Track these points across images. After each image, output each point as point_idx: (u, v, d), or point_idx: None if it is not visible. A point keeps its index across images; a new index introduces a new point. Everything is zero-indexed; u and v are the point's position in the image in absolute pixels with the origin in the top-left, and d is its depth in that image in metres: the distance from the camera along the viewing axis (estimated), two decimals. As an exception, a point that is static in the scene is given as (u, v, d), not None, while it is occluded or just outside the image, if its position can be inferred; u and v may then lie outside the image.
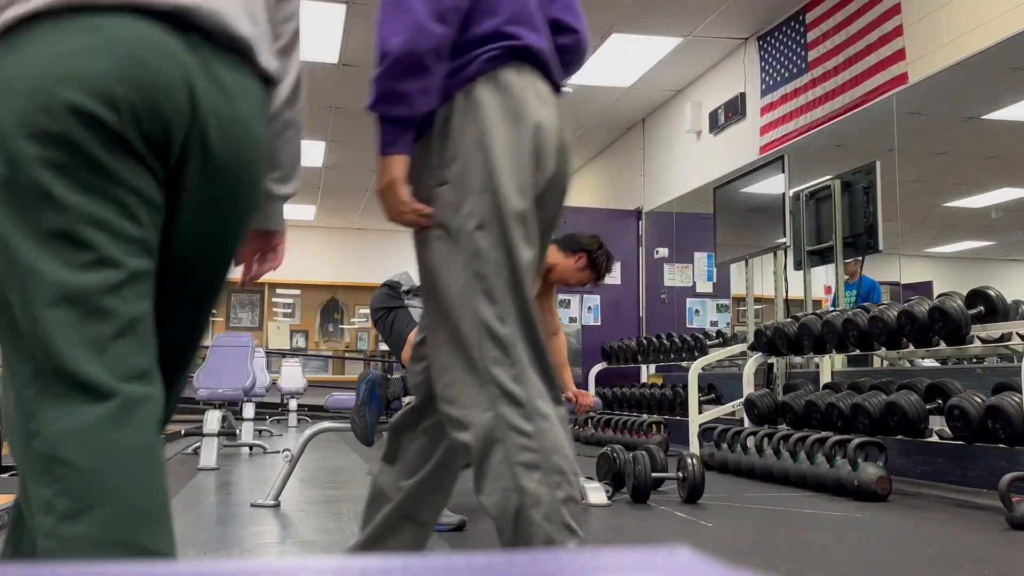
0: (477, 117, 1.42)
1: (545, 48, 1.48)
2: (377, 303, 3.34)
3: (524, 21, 1.46)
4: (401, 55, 1.39)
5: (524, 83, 1.44)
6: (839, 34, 5.72)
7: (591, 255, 3.47)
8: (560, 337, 3.68)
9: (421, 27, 1.37)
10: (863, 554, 2.57)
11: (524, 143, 1.42)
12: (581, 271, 3.50)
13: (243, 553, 2.58)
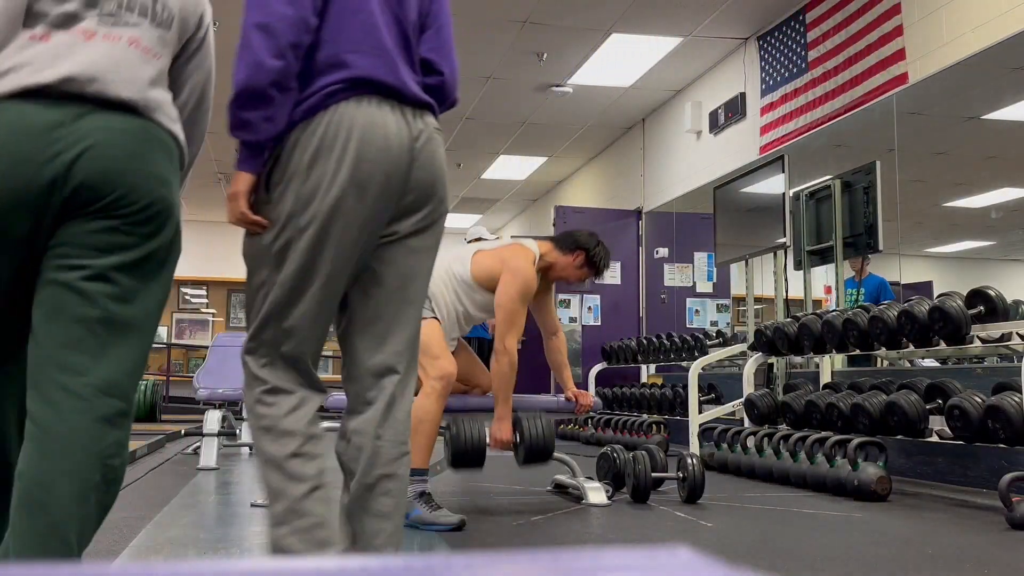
0: (305, 148, 1.58)
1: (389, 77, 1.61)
2: None
3: (369, 53, 1.60)
4: (242, 88, 1.59)
5: (358, 115, 1.58)
6: (839, 34, 5.72)
7: (589, 252, 3.48)
8: (559, 336, 3.68)
9: (260, 63, 1.55)
10: (863, 554, 2.57)
11: (341, 175, 1.57)
12: (579, 269, 3.50)
13: (243, 553, 2.58)
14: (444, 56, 1.81)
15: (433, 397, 3.08)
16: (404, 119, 1.65)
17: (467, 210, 13.08)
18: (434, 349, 3.13)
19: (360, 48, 1.61)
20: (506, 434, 3.29)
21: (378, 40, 1.63)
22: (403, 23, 1.69)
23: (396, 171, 1.62)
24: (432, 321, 3.22)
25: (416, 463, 3.06)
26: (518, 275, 3.26)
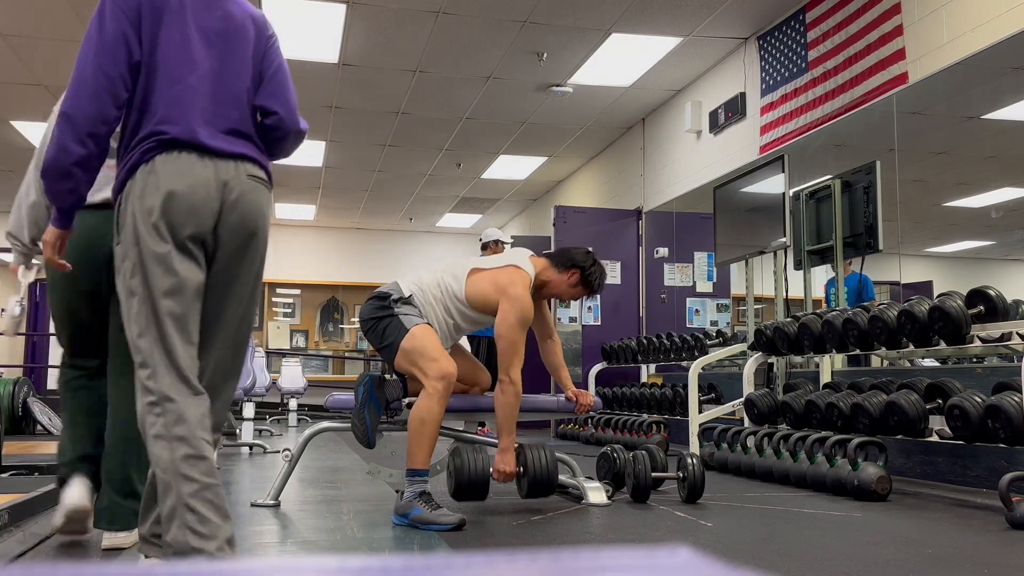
0: (130, 195, 1.91)
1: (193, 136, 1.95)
2: (366, 315, 3.31)
3: (174, 120, 1.95)
4: (50, 167, 1.94)
5: (167, 165, 1.92)
6: (839, 34, 5.72)
7: (584, 272, 3.47)
8: (555, 340, 3.68)
9: (64, 147, 1.90)
10: (863, 554, 2.57)
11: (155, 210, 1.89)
12: (574, 287, 3.49)
13: (243, 553, 2.57)
14: (276, 98, 2.13)
15: (435, 398, 3.07)
16: (213, 167, 1.96)
17: (467, 210, 13.08)
18: (432, 351, 3.13)
19: (168, 117, 1.94)
20: (510, 466, 3.29)
21: (184, 109, 1.96)
22: (230, 87, 2.04)
23: (204, 212, 1.94)
24: (425, 326, 3.21)
25: (417, 463, 3.06)
26: (516, 304, 3.24)
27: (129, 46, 1.96)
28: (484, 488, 3.29)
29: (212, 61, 2.04)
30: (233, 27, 2.09)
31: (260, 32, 2.16)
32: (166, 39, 2.00)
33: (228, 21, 2.09)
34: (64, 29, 6.79)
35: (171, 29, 2.01)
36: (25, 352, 15.37)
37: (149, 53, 1.99)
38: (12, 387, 7.52)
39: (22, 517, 2.98)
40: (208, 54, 2.03)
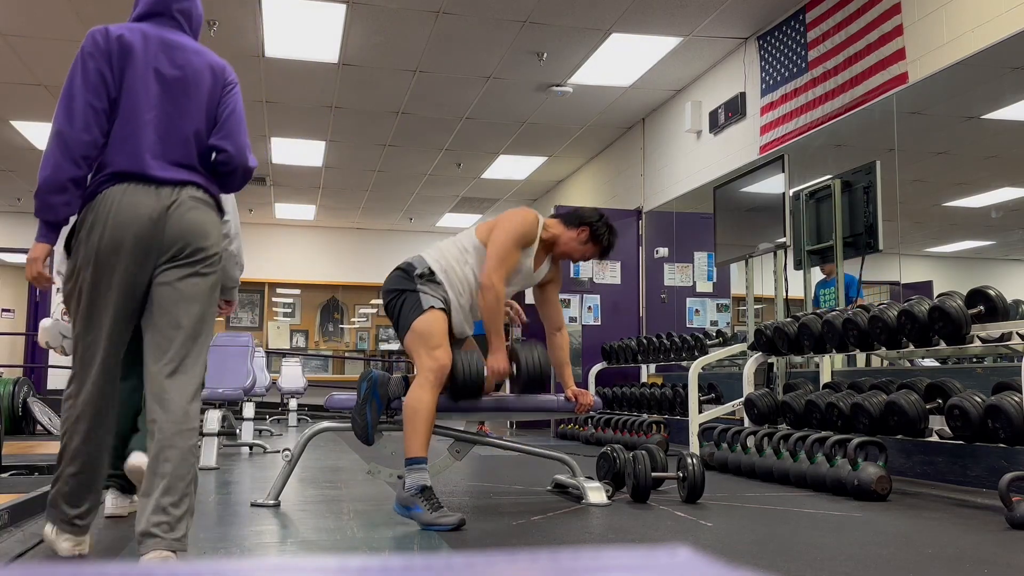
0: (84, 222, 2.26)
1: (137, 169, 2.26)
2: (390, 284, 3.35)
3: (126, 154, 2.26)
4: (46, 181, 2.21)
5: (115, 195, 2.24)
6: (839, 33, 5.72)
7: (592, 227, 3.52)
8: (563, 333, 3.68)
9: (60, 165, 2.20)
10: (863, 554, 2.57)
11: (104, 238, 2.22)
12: (583, 244, 3.53)
13: (243, 553, 2.58)
14: (227, 139, 2.40)
15: (426, 387, 3.09)
16: (156, 196, 2.26)
17: (467, 210, 13.08)
18: (435, 339, 3.15)
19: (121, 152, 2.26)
20: (503, 363, 3.32)
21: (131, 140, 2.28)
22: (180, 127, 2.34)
23: (145, 232, 2.23)
24: (438, 312, 3.22)
25: (413, 452, 3.06)
26: (514, 217, 3.38)
27: (107, 85, 2.29)
28: (479, 388, 3.32)
29: (167, 104, 2.34)
30: (191, 75, 2.38)
31: (217, 80, 2.44)
32: (129, 82, 2.31)
33: (186, 70, 2.38)
34: (64, 29, 6.78)
35: (135, 74, 2.32)
36: (25, 352, 15.36)
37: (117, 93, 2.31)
38: (12, 387, 7.52)
39: (22, 517, 2.98)
40: (164, 98, 2.34)
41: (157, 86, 2.33)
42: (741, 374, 5.25)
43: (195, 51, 2.42)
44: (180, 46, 2.41)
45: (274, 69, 7.56)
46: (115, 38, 2.31)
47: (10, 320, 16.26)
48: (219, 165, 2.41)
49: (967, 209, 7.55)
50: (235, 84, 2.49)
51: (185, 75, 2.38)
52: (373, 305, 14.76)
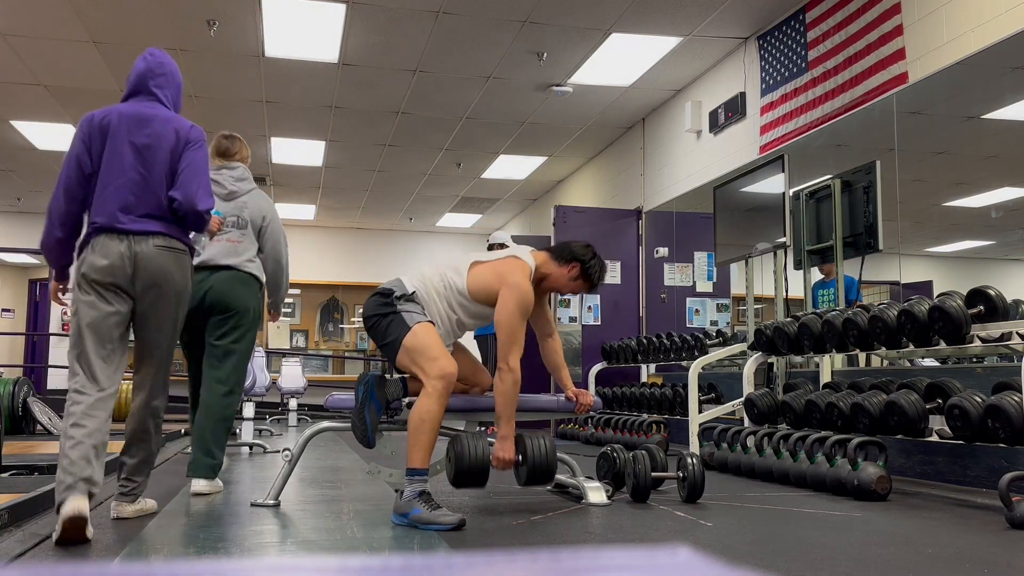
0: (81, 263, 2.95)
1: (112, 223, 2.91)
2: (369, 311, 3.32)
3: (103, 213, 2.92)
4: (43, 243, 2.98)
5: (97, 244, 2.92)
6: (839, 33, 5.72)
7: (584, 265, 3.47)
8: (555, 339, 3.68)
9: (50, 231, 2.95)
10: (863, 554, 2.57)
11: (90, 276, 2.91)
12: (574, 280, 3.49)
13: (243, 553, 2.58)
14: (178, 189, 2.98)
15: (434, 397, 3.07)
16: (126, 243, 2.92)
17: (467, 210, 13.08)
18: (433, 351, 3.13)
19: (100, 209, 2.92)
20: (509, 453, 3.27)
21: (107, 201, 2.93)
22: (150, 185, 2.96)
23: (118, 272, 2.91)
24: (428, 324, 3.21)
25: (416, 463, 3.06)
26: (515, 291, 3.25)
27: (81, 165, 2.94)
28: (484, 475, 3.27)
29: (138, 167, 2.96)
30: (157, 142, 2.99)
31: (179, 141, 3.03)
32: (107, 153, 2.95)
33: (153, 138, 2.99)
34: (64, 29, 6.79)
35: (112, 147, 2.95)
36: (25, 352, 15.36)
37: (96, 164, 2.95)
38: (12, 387, 7.52)
39: (22, 517, 2.98)
40: (136, 162, 2.96)
41: (132, 154, 2.96)
42: (741, 374, 5.25)
43: (164, 120, 3.04)
44: (151, 118, 3.02)
45: (274, 69, 7.56)
46: (97, 122, 2.98)
47: (10, 320, 16.26)
48: (174, 211, 3.00)
49: (967, 209, 7.55)
50: (196, 142, 3.06)
51: (152, 143, 2.99)
52: (373, 305, 14.75)
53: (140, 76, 3.10)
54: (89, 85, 7.99)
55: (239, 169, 4.04)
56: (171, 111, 3.12)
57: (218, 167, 4.00)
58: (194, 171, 3.00)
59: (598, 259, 3.52)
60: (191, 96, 8.23)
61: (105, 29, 6.81)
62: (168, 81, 3.13)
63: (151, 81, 3.10)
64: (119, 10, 6.49)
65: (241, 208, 3.96)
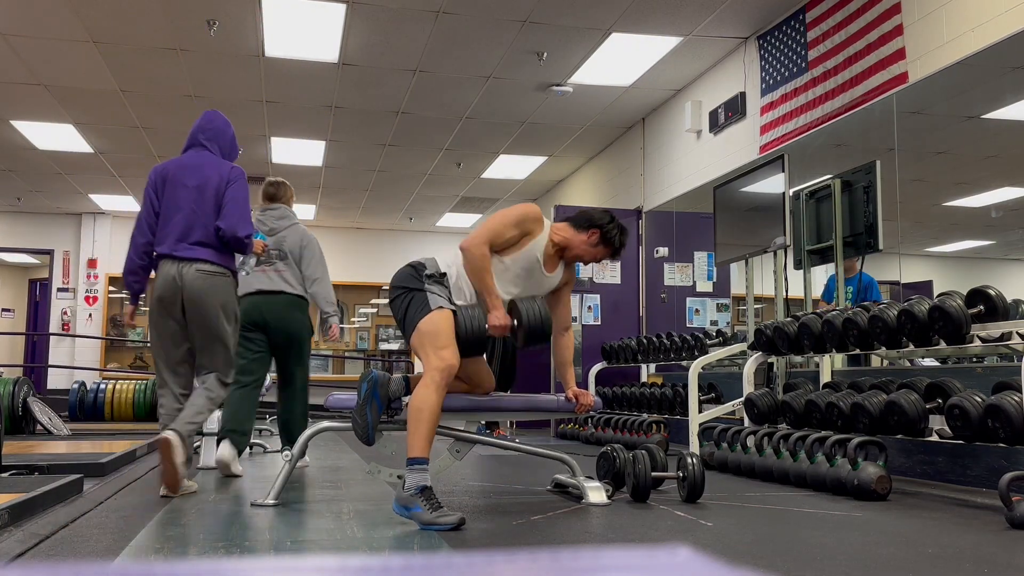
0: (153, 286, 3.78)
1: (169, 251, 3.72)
2: (398, 281, 3.34)
3: (163, 243, 3.74)
4: (125, 271, 3.79)
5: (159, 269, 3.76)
6: (839, 33, 5.72)
7: (603, 230, 3.50)
8: (569, 334, 3.68)
9: (132, 259, 3.77)
10: (863, 553, 2.57)
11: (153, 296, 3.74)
12: (595, 247, 3.52)
13: (243, 553, 2.58)
14: (223, 219, 3.76)
15: (432, 387, 3.08)
16: (177, 267, 3.72)
17: (467, 209, 13.08)
18: (441, 339, 3.15)
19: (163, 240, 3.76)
20: (503, 319, 3.30)
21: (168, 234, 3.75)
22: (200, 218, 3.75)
23: (169, 293, 3.72)
24: (445, 312, 3.22)
25: (415, 452, 3.06)
26: (516, 207, 3.41)
27: (152, 205, 3.82)
28: (483, 343, 3.30)
29: (191, 204, 3.77)
30: (205, 183, 3.81)
31: (223, 181, 3.82)
32: (168, 195, 3.80)
33: (202, 180, 3.81)
34: (64, 29, 6.78)
35: (170, 189, 3.80)
36: (25, 352, 15.36)
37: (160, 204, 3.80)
38: (12, 387, 7.52)
39: (22, 517, 2.98)
40: (189, 200, 3.78)
41: (186, 195, 3.77)
42: (741, 374, 5.25)
43: (210, 165, 3.87)
44: (200, 165, 3.86)
45: (274, 69, 7.56)
46: (160, 171, 3.88)
47: (10, 320, 16.26)
48: (220, 238, 3.78)
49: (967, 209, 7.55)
50: (236, 180, 3.84)
51: (201, 183, 3.81)
52: (373, 305, 14.75)
53: (193, 132, 3.99)
54: (89, 85, 7.99)
55: (280, 210, 4.96)
56: (217, 157, 3.92)
57: (263, 208, 4.95)
58: (235, 204, 3.78)
59: (617, 223, 3.54)
60: (191, 96, 8.23)
61: (105, 29, 6.81)
62: (216, 135, 3.97)
63: (201, 135, 3.97)
64: (119, 10, 6.48)
65: (281, 242, 4.87)
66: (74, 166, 10.88)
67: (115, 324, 14.09)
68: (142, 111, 8.72)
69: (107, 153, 10.29)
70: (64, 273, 13.73)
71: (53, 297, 13.71)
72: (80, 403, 9.88)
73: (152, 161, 10.52)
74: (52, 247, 13.72)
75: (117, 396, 9.97)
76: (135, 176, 11.38)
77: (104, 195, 12.47)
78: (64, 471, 3.93)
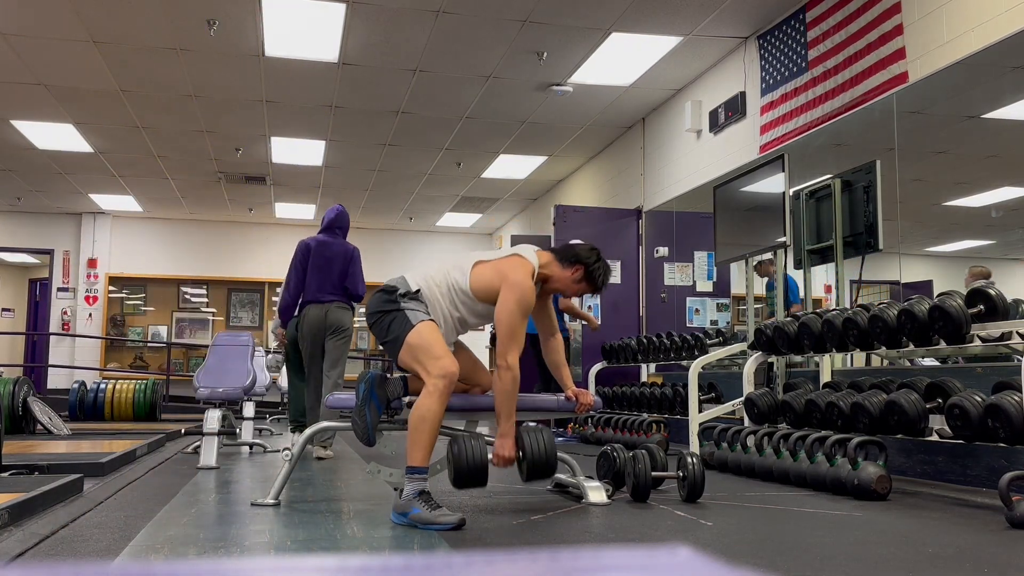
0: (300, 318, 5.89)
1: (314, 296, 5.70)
2: (372, 308, 3.32)
3: (310, 293, 5.72)
4: (281, 309, 5.93)
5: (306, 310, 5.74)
6: (839, 33, 5.72)
7: (588, 268, 3.46)
8: (557, 338, 3.67)
9: (285, 299, 5.86)
10: (863, 553, 2.57)
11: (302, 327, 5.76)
12: (577, 283, 3.48)
13: (243, 552, 2.58)
14: (350, 282, 5.79)
15: (435, 396, 3.07)
16: (321, 306, 5.67)
17: (467, 209, 13.08)
18: (436, 349, 3.13)
19: (309, 289, 5.72)
20: (509, 451, 3.26)
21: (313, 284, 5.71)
22: (331, 270, 5.72)
23: (317, 324, 5.67)
24: (431, 322, 3.21)
25: (416, 461, 3.06)
26: (516, 290, 3.24)
27: (303, 268, 5.70)
28: (484, 475, 3.27)
29: (325, 270, 5.68)
30: (335, 257, 5.74)
31: (346, 257, 5.77)
32: (312, 262, 5.70)
33: (334, 255, 5.74)
34: (64, 29, 6.78)
35: (313, 259, 5.70)
36: (25, 352, 15.37)
37: (307, 268, 5.68)
38: (12, 387, 7.52)
39: (22, 517, 2.98)
40: (325, 267, 5.69)
41: (323, 263, 5.71)
42: (741, 373, 5.25)
43: (339, 245, 5.81)
44: (332, 243, 5.80)
45: (274, 69, 7.56)
46: (304, 245, 5.75)
47: (10, 320, 16.25)
48: (346, 292, 5.77)
49: (967, 208, 7.55)
50: (356, 256, 5.86)
51: (333, 257, 5.75)
52: (373, 305, 14.74)
53: (329, 222, 5.88)
54: (89, 85, 7.99)
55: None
56: (343, 239, 5.88)
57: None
58: (356, 272, 5.84)
59: (602, 262, 3.51)
60: (191, 96, 8.23)
61: (105, 29, 6.81)
62: (341, 224, 5.93)
63: (335, 224, 5.90)
64: (119, 10, 6.48)
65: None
66: (74, 166, 10.88)
67: (115, 324, 14.10)
68: (142, 111, 8.72)
69: (107, 153, 10.29)
70: (64, 273, 13.73)
71: (53, 297, 13.72)
72: (80, 403, 9.88)
73: (152, 160, 10.52)
74: (52, 247, 13.73)
75: (117, 396, 9.97)
76: (135, 176, 11.38)
77: (104, 195, 12.47)
78: (64, 471, 3.93)
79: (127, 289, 14.29)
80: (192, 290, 14.59)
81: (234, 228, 14.21)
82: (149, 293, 14.41)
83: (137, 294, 14.39)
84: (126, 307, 14.34)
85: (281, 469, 3.61)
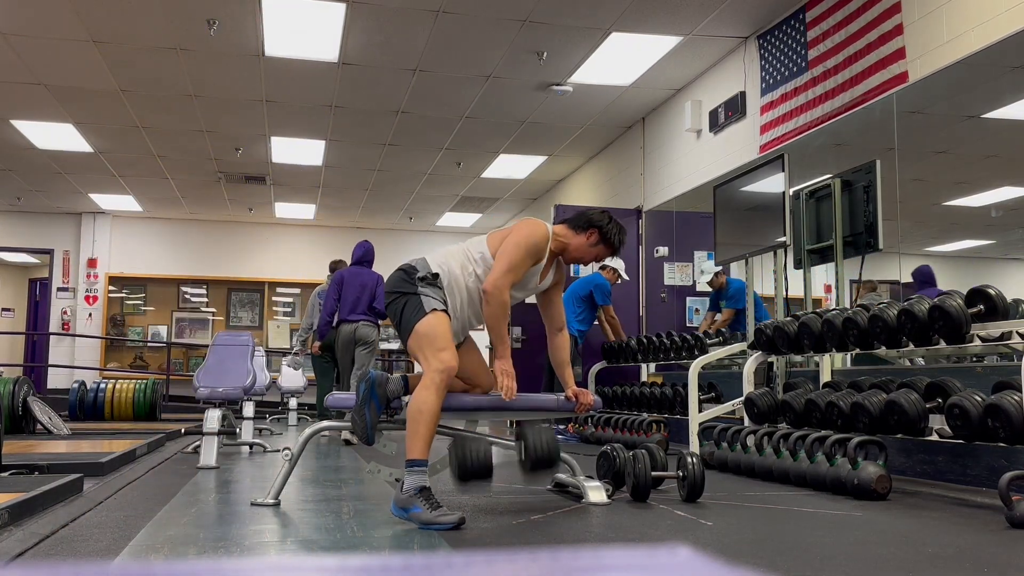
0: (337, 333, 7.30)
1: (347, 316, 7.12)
2: (391, 286, 3.34)
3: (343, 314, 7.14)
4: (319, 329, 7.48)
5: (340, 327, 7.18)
6: (839, 32, 5.72)
7: (602, 230, 3.50)
8: (564, 334, 3.67)
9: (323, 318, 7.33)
10: (863, 553, 2.57)
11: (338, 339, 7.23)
12: (594, 246, 3.52)
13: (243, 552, 2.58)
14: (379, 303, 6.97)
15: (432, 389, 3.08)
16: (352, 324, 7.09)
17: (467, 209, 13.08)
18: (440, 341, 3.14)
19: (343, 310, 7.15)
20: (510, 367, 3.31)
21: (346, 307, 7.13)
22: (361, 296, 7.10)
23: (349, 338, 7.12)
24: (441, 314, 3.22)
25: (415, 453, 3.06)
26: (528, 228, 3.36)
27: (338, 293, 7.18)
28: (488, 471, 3.29)
29: (357, 294, 7.10)
30: (365, 284, 7.14)
31: (374, 283, 7.12)
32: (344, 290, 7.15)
33: (363, 283, 7.15)
34: (64, 29, 6.78)
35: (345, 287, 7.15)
36: (25, 351, 15.36)
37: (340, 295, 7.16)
38: (12, 386, 7.52)
39: (22, 517, 2.98)
40: (356, 292, 7.11)
41: (352, 289, 7.08)
42: (741, 373, 5.25)
43: (367, 275, 7.16)
44: (362, 273, 7.16)
45: (274, 68, 7.56)
46: (340, 275, 7.21)
47: (10, 320, 16.25)
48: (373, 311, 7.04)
49: (967, 208, 7.55)
50: (381, 281, 6.93)
51: (363, 283, 7.11)
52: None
53: (358, 257, 7.24)
54: (89, 85, 7.99)
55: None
56: (370, 270, 7.17)
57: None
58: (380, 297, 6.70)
59: (615, 222, 3.55)
60: (191, 96, 8.23)
61: (105, 29, 6.81)
62: (369, 258, 7.25)
63: (364, 259, 7.22)
64: (119, 10, 6.48)
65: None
66: (74, 166, 10.87)
67: (115, 323, 14.11)
68: (142, 111, 8.72)
69: (107, 153, 10.29)
70: (64, 273, 13.73)
71: (53, 297, 13.72)
72: (80, 403, 9.88)
73: (152, 160, 10.52)
74: (52, 247, 13.73)
75: (117, 396, 9.97)
76: (135, 176, 11.38)
77: (104, 195, 12.47)
78: (64, 471, 3.93)
79: (127, 289, 14.29)
80: (192, 290, 14.59)
81: (234, 228, 14.21)
82: (149, 293, 14.42)
83: (137, 294, 14.39)
84: (126, 307, 14.35)
85: (281, 469, 3.61)
